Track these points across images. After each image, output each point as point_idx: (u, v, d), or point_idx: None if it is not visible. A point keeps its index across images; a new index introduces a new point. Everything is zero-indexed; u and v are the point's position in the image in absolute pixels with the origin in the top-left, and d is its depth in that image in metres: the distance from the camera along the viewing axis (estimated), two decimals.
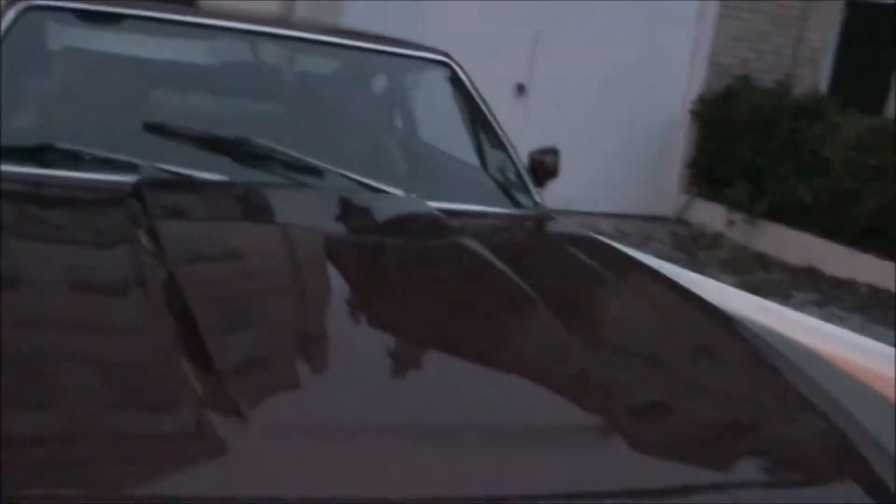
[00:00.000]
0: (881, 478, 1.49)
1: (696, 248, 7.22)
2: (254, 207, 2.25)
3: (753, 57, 8.13)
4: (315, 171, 2.37)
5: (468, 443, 1.32)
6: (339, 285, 1.86)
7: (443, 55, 2.98)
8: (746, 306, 3.08)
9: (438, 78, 2.96)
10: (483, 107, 2.92)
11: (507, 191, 2.75)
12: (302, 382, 1.46)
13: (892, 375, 2.16)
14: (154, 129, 2.35)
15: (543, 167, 2.92)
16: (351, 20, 6.13)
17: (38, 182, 2.16)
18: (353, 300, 1.79)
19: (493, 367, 1.63)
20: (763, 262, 6.96)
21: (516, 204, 2.72)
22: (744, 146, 7.42)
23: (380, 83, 3.14)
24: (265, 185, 2.31)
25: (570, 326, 1.76)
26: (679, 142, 8.13)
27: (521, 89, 7.49)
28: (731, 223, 7.43)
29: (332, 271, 1.97)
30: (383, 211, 2.32)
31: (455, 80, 2.94)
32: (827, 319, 5.00)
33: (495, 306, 1.87)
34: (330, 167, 2.39)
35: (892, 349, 2.41)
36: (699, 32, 7.99)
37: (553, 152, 3.00)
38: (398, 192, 2.44)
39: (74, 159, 2.21)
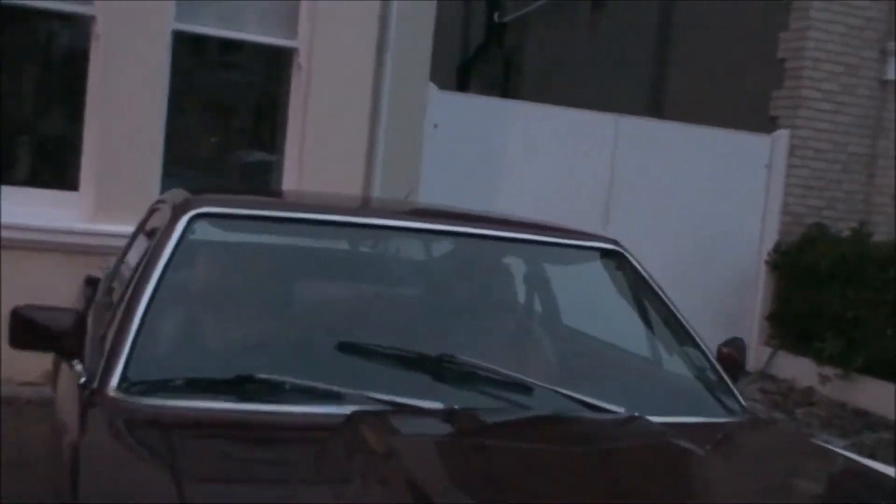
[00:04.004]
0: None
1: (790, 404, 6.90)
2: (484, 437, 2.00)
3: (825, 205, 8.01)
4: (525, 388, 2.14)
5: None
6: None
7: (613, 243, 2.79)
8: None
9: (612, 268, 2.75)
10: (665, 298, 2.70)
11: (713, 395, 2.49)
12: None
13: None
14: (350, 348, 2.13)
15: (733, 360, 2.68)
16: (429, 193, 6.01)
17: (239, 421, 1.92)
18: None
19: None
20: (866, 420, 6.61)
21: (724, 408, 2.46)
22: (830, 297, 7.17)
23: (557, 278, 2.91)
24: (488, 411, 2.08)
25: None
26: (757, 294, 7.91)
27: None
28: (824, 378, 7.10)
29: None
30: (618, 436, 2.08)
31: (632, 271, 2.73)
32: None
33: None
34: (541, 384, 2.17)
35: None
36: (770, 182, 7.89)
37: (739, 343, 2.76)
38: (618, 408, 2.19)
39: (274, 390, 1.98)
